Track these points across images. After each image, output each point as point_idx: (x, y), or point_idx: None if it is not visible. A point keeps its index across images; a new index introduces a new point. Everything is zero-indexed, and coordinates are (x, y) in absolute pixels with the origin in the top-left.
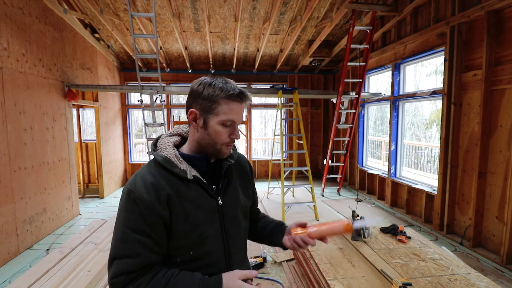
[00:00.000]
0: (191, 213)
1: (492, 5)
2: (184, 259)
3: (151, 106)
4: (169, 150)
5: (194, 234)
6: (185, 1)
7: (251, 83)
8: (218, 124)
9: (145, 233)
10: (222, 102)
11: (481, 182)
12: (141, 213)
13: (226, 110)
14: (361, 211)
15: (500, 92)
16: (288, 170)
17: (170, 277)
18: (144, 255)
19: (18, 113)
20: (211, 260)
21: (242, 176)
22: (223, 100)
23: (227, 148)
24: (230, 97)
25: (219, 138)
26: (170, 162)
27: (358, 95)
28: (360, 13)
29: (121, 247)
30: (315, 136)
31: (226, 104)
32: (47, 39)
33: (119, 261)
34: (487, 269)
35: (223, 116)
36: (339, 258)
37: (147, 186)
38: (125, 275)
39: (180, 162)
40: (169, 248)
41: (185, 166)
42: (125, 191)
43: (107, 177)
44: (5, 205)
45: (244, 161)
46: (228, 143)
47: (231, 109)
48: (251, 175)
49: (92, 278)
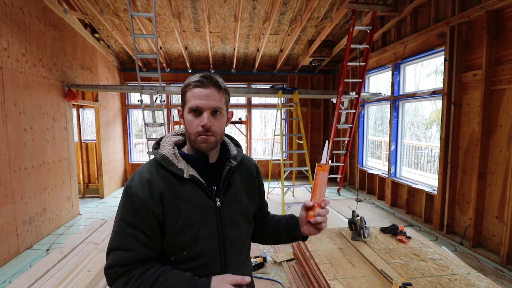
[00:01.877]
0: (185, 212)
1: (492, 5)
2: (178, 258)
3: (151, 106)
4: (167, 149)
5: (187, 233)
6: (185, 1)
7: (251, 83)
8: (188, 113)
9: (139, 228)
10: (187, 90)
11: (481, 182)
12: (136, 208)
13: (190, 97)
14: (361, 211)
15: (500, 92)
16: (288, 170)
17: (161, 273)
18: (137, 249)
19: (18, 113)
20: (204, 262)
21: (248, 179)
22: (188, 88)
23: (202, 139)
24: (192, 83)
25: (191, 128)
26: (167, 160)
27: (358, 95)
28: (360, 13)
29: (117, 239)
30: (315, 136)
31: (190, 91)
32: (47, 39)
33: (115, 253)
34: (487, 269)
35: (189, 104)
36: (339, 258)
37: (143, 182)
38: (118, 267)
39: (179, 161)
40: (163, 246)
41: (183, 165)
42: (124, 187)
43: (107, 177)
44: (5, 205)
45: (251, 164)
46: (201, 133)
47: (193, 95)
48: (257, 179)
49: (92, 278)
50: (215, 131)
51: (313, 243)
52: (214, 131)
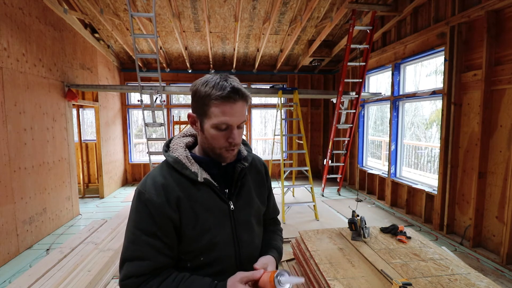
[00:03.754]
0: (201, 216)
1: (492, 5)
2: (195, 264)
3: (151, 106)
4: (180, 151)
5: (204, 238)
6: (185, 1)
7: (251, 83)
8: (211, 128)
9: (156, 235)
10: (213, 104)
11: (481, 182)
12: (151, 215)
13: (217, 112)
14: (361, 211)
15: (500, 92)
16: (288, 170)
17: (180, 280)
18: (154, 258)
19: (18, 113)
20: (221, 267)
21: (257, 179)
22: (213, 102)
23: (228, 152)
24: (220, 98)
25: (216, 142)
26: (180, 163)
27: (358, 95)
28: (360, 13)
29: (132, 249)
30: (315, 136)
31: (216, 107)
32: (47, 39)
33: (130, 263)
34: (487, 269)
35: (215, 119)
36: (339, 258)
37: (157, 187)
38: (135, 278)
39: (191, 164)
40: (179, 252)
41: (196, 168)
42: (136, 193)
43: (107, 177)
44: (5, 205)
45: (260, 163)
46: (227, 147)
47: (223, 112)
48: (266, 179)
49: (92, 278)
50: (239, 143)
51: (313, 243)
52: (238, 143)
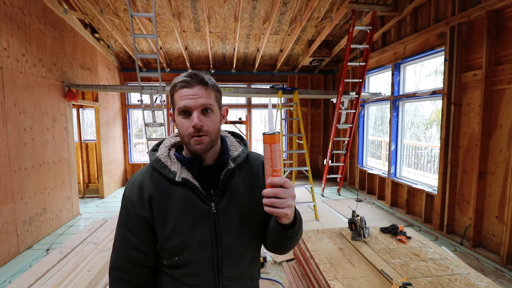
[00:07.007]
0: (175, 217)
1: (492, 5)
2: (170, 263)
3: (151, 106)
4: (162, 151)
5: (175, 238)
6: (185, 1)
7: (251, 83)
8: (177, 116)
9: (131, 230)
10: (174, 92)
11: (481, 182)
12: (129, 211)
13: (177, 98)
14: (361, 211)
15: (500, 92)
16: (288, 170)
17: None
18: (129, 251)
19: (18, 113)
20: (194, 270)
21: (253, 181)
22: (175, 90)
23: (195, 140)
24: (178, 84)
25: (182, 129)
26: (159, 163)
27: (358, 95)
28: (360, 13)
29: (115, 239)
30: (315, 136)
31: (176, 93)
32: (47, 39)
33: (113, 253)
34: (487, 269)
35: (177, 106)
36: (339, 258)
37: (135, 186)
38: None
39: (172, 163)
40: (157, 249)
41: (176, 167)
42: None
43: (107, 177)
44: (5, 205)
45: (257, 163)
46: (193, 134)
47: (180, 96)
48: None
49: (92, 278)
50: (208, 130)
51: (313, 243)
52: (207, 130)
